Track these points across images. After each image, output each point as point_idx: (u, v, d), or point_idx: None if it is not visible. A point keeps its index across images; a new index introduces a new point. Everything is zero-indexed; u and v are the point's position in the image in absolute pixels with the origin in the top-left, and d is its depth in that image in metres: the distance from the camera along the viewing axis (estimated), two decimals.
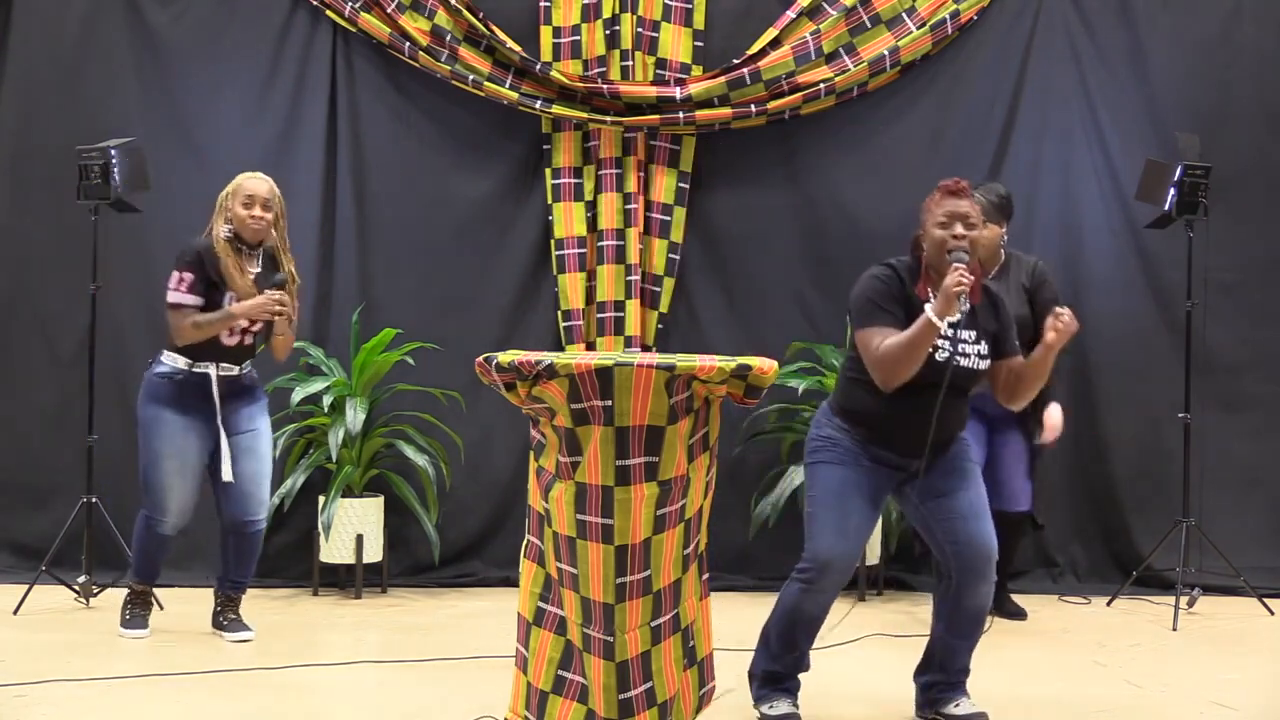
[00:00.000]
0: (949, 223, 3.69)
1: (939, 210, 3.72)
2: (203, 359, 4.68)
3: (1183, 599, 5.35)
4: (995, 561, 3.77)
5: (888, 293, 3.72)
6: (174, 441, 4.68)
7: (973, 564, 3.73)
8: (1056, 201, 6.06)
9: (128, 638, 4.81)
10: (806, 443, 3.86)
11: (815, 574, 3.71)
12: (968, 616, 3.79)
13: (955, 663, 3.88)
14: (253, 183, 4.73)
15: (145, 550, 4.83)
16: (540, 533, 3.30)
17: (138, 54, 6.08)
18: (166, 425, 4.68)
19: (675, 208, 6.00)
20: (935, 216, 3.72)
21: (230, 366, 4.73)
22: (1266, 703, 4.22)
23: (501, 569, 5.94)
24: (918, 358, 3.58)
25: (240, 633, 4.84)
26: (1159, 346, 5.99)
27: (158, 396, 4.69)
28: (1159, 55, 6.03)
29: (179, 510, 4.75)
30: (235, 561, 4.86)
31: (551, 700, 3.25)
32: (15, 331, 6.09)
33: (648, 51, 5.99)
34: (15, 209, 6.11)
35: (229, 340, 4.70)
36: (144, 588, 4.90)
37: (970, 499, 3.76)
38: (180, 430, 4.68)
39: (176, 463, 4.69)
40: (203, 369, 4.68)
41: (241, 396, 4.79)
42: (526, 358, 3.15)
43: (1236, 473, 5.94)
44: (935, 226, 3.71)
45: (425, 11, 5.97)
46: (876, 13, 5.99)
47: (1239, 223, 5.95)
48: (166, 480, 4.70)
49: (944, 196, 3.74)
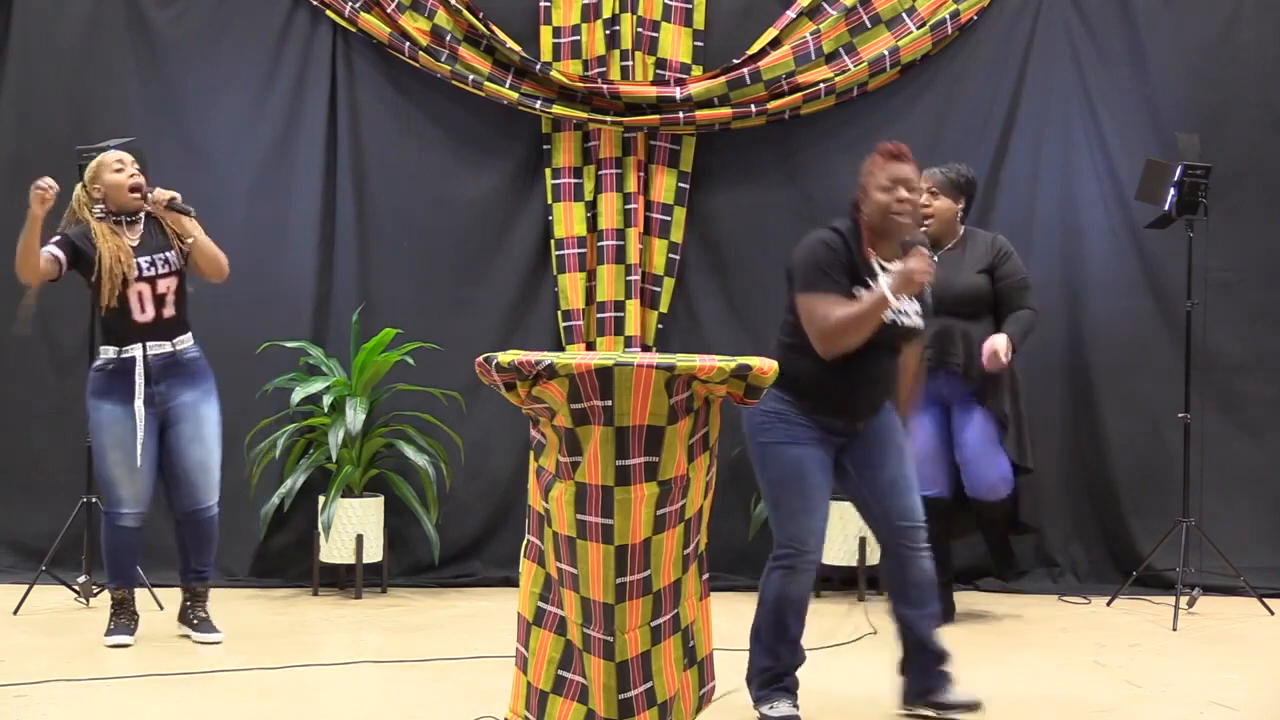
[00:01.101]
0: (891, 186, 3.73)
1: (882, 174, 3.76)
2: (128, 341, 4.63)
3: (1183, 599, 5.35)
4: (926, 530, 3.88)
5: (835, 260, 3.71)
6: (113, 432, 4.63)
7: (909, 535, 3.81)
8: (1056, 201, 6.05)
9: (108, 645, 4.75)
10: (747, 419, 3.82)
11: (794, 558, 3.75)
12: (915, 585, 3.84)
13: (923, 639, 3.89)
14: (112, 153, 4.74)
15: (111, 548, 4.76)
16: (540, 533, 3.30)
17: (138, 54, 6.08)
18: (105, 416, 4.65)
19: (675, 208, 6.00)
20: (878, 180, 3.75)
21: (161, 343, 4.67)
22: (1266, 703, 4.22)
23: (501, 569, 5.94)
24: (868, 330, 3.63)
25: (209, 634, 4.80)
26: (1159, 346, 5.98)
27: (95, 390, 4.69)
28: (1159, 55, 6.03)
29: (133, 498, 4.68)
30: (193, 550, 4.81)
31: (551, 700, 3.26)
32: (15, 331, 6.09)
33: (648, 51, 5.99)
34: (15, 209, 6.08)
35: (142, 316, 4.63)
36: (122, 593, 4.81)
37: (902, 472, 3.85)
38: (118, 420, 4.63)
39: (118, 453, 4.64)
40: (130, 353, 4.64)
41: (179, 377, 4.70)
42: (526, 358, 3.15)
43: (1236, 473, 5.93)
44: (878, 190, 3.74)
45: (425, 11, 5.97)
46: (876, 13, 5.99)
47: (1239, 223, 5.95)
48: (114, 473, 4.66)
49: (886, 160, 3.78)
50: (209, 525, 4.81)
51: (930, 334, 4.89)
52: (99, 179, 4.70)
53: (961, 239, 5.19)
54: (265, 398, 5.81)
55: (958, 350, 5.04)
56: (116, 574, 4.81)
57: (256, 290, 5.83)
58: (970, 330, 5.06)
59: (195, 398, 4.74)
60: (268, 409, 5.81)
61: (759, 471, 3.85)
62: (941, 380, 5.05)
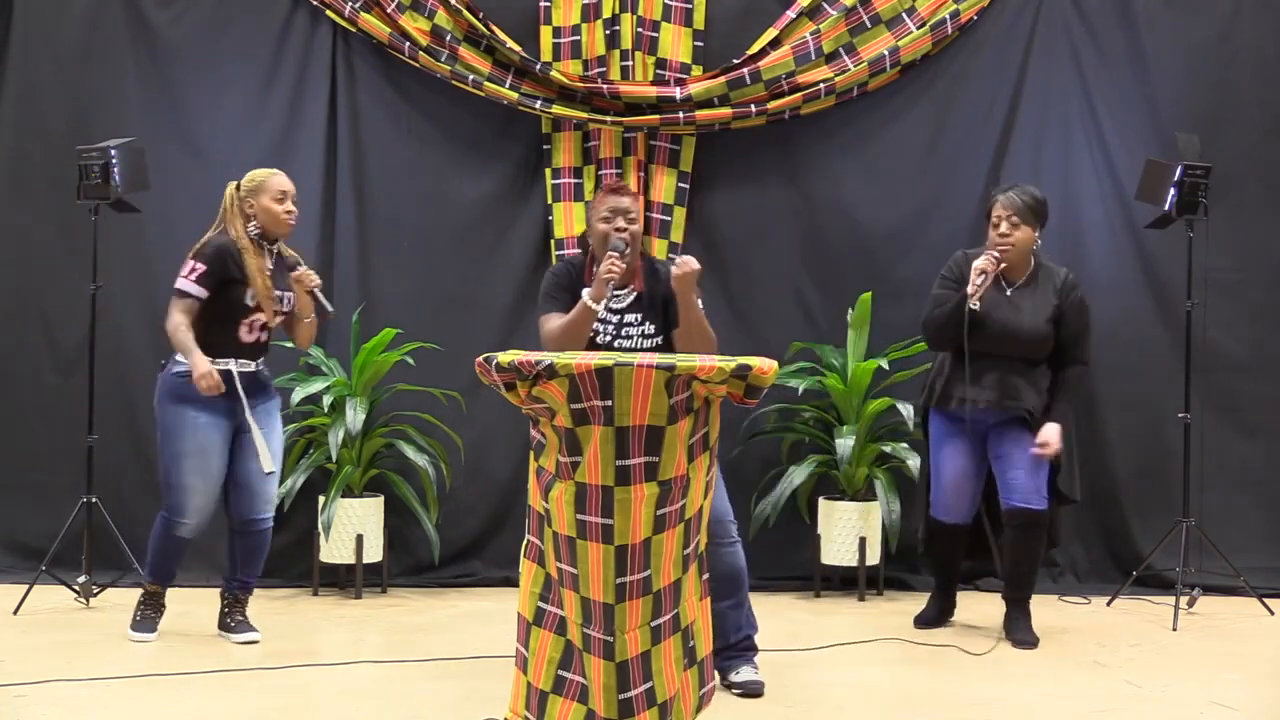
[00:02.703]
0: (611, 217, 4.16)
1: (602, 207, 4.19)
2: (222, 355, 4.66)
3: (1183, 599, 5.35)
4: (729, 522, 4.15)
5: (557, 283, 4.24)
6: (196, 439, 4.64)
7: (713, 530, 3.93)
8: (1056, 201, 6.00)
9: (133, 639, 4.78)
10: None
11: None
12: (720, 578, 4.01)
13: (728, 627, 4.13)
14: (281, 179, 4.76)
15: (162, 551, 4.78)
16: (540, 533, 3.30)
17: (138, 54, 6.08)
18: (189, 422, 4.63)
19: (675, 208, 6.00)
20: (599, 212, 4.19)
21: (247, 363, 4.73)
22: (1266, 703, 4.22)
23: (501, 569, 5.94)
24: (577, 337, 4.05)
25: (247, 634, 4.83)
26: (1159, 346, 5.99)
27: (180, 395, 4.64)
28: (1159, 55, 6.03)
29: (198, 512, 4.69)
30: (243, 561, 4.85)
31: (551, 700, 3.26)
32: (15, 331, 6.09)
33: (648, 51, 5.99)
34: (15, 209, 6.12)
35: (248, 337, 4.70)
36: (157, 588, 4.85)
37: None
38: (203, 427, 4.64)
39: (198, 461, 4.65)
40: (223, 365, 4.66)
41: (259, 394, 4.78)
42: (526, 358, 3.15)
43: (1236, 473, 5.93)
44: (599, 221, 4.18)
45: (425, 11, 5.97)
46: (876, 13, 5.99)
47: (1239, 223, 5.95)
48: (187, 480, 4.65)
49: (606, 194, 4.23)
50: (262, 538, 4.83)
51: (991, 380, 4.83)
52: (257, 199, 4.71)
53: (1032, 274, 4.92)
54: None
55: (1020, 398, 4.84)
56: (158, 573, 4.83)
57: None
58: (1032, 376, 4.87)
59: (267, 409, 4.80)
60: None
61: None
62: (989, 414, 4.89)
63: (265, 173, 4.77)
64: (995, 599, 5.39)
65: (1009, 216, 4.83)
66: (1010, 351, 4.85)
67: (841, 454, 5.67)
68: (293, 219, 4.75)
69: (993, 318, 4.82)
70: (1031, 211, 4.86)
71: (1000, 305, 4.86)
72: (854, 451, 5.69)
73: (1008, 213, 4.83)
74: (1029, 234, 4.86)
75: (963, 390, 4.88)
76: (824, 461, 5.82)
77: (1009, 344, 4.84)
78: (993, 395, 4.84)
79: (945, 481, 5.01)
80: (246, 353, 4.72)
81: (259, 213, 4.70)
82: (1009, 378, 4.85)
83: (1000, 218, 4.84)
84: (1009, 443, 4.90)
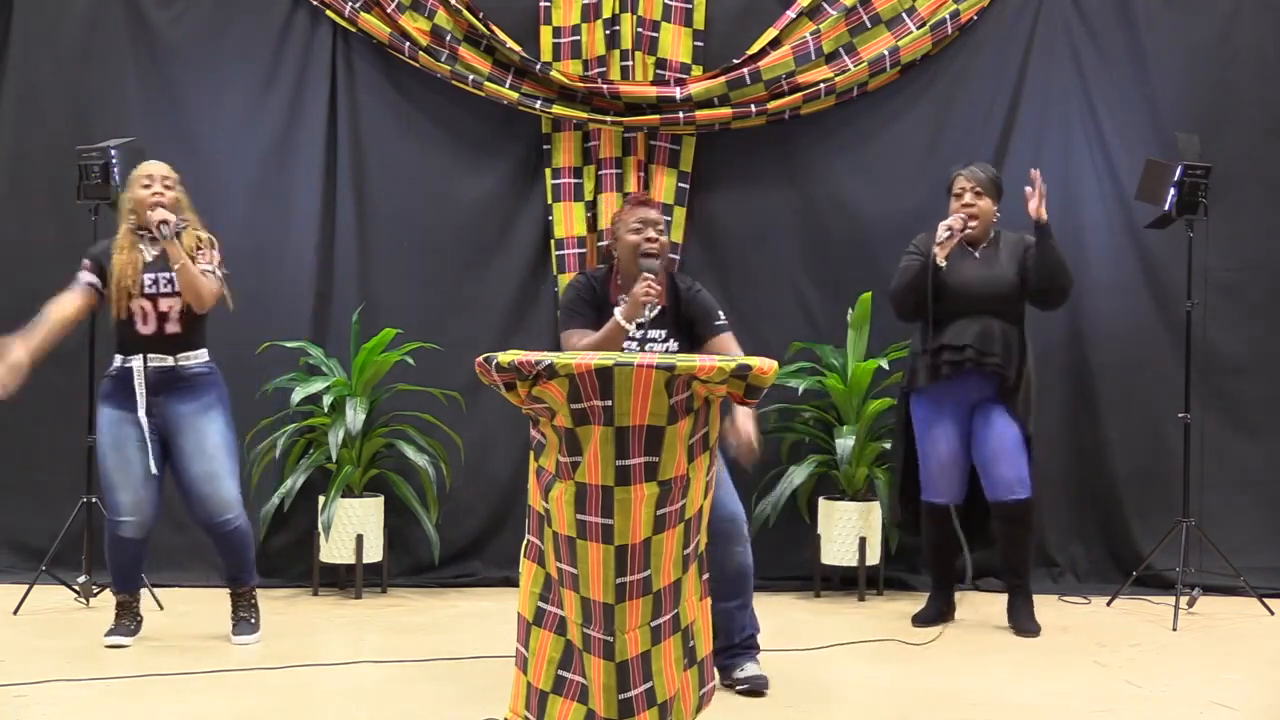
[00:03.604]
0: (641, 228, 4.12)
1: (631, 218, 4.16)
2: (131, 352, 4.68)
3: (1183, 599, 5.35)
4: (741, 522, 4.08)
5: (579, 298, 4.19)
6: (109, 435, 4.67)
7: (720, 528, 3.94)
8: (1056, 201, 6.02)
9: (107, 644, 4.75)
10: None
11: None
12: (727, 578, 4.02)
13: (734, 626, 4.12)
14: (148, 165, 4.79)
15: (111, 556, 4.77)
16: (540, 533, 3.30)
17: (138, 54, 6.08)
18: (105, 420, 4.70)
19: (675, 208, 6.00)
20: (628, 224, 4.16)
21: (160, 357, 4.69)
22: (1266, 703, 4.22)
23: (501, 569, 5.94)
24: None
25: (244, 635, 4.82)
26: (1159, 346, 5.98)
27: (101, 395, 4.77)
28: (1159, 55, 6.03)
29: (133, 508, 4.66)
30: (224, 560, 4.84)
31: (551, 700, 3.25)
32: (15, 331, 6.08)
33: (648, 51, 5.99)
34: (15, 209, 6.12)
35: (144, 329, 4.67)
36: (123, 597, 4.82)
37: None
38: (115, 423, 4.67)
39: (116, 456, 4.66)
40: (131, 363, 4.68)
41: (179, 392, 4.70)
42: (526, 358, 3.15)
43: (1236, 473, 5.93)
44: (628, 233, 4.14)
45: (425, 11, 5.97)
46: (876, 13, 5.99)
47: (1239, 223, 5.95)
48: (112, 478, 4.67)
49: (634, 206, 4.20)
50: (230, 537, 4.77)
51: (973, 333, 4.98)
52: (130, 192, 4.75)
53: (994, 239, 5.18)
54: (265, 398, 5.81)
55: (996, 350, 5.00)
56: (118, 580, 4.82)
57: (256, 290, 5.82)
58: (1009, 331, 5.05)
59: (193, 410, 4.71)
60: (268, 409, 5.81)
61: None
62: (974, 381, 5.05)
63: (140, 165, 4.80)
64: (996, 599, 5.40)
65: (973, 188, 5.14)
66: (986, 307, 5.02)
67: (841, 454, 5.67)
68: (156, 196, 4.68)
69: (965, 274, 5.05)
70: (993, 184, 5.17)
71: (971, 263, 5.11)
72: (854, 451, 5.70)
73: (971, 184, 5.14)
74: (990, 205, 5.15)
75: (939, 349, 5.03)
76: (824, 461, 5.82)
77: (984, 298, 5.03)
78: (971, 352, 4.97)
79: (936, 464, 5.12)
80: (152, 346, 4.68)
81: (133, 205, 4.72)
82: (987, 331, 5.01)
83: (964, 189, 5.15)
84: (988, 431, 5.05)
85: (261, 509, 5.75)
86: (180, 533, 5.67)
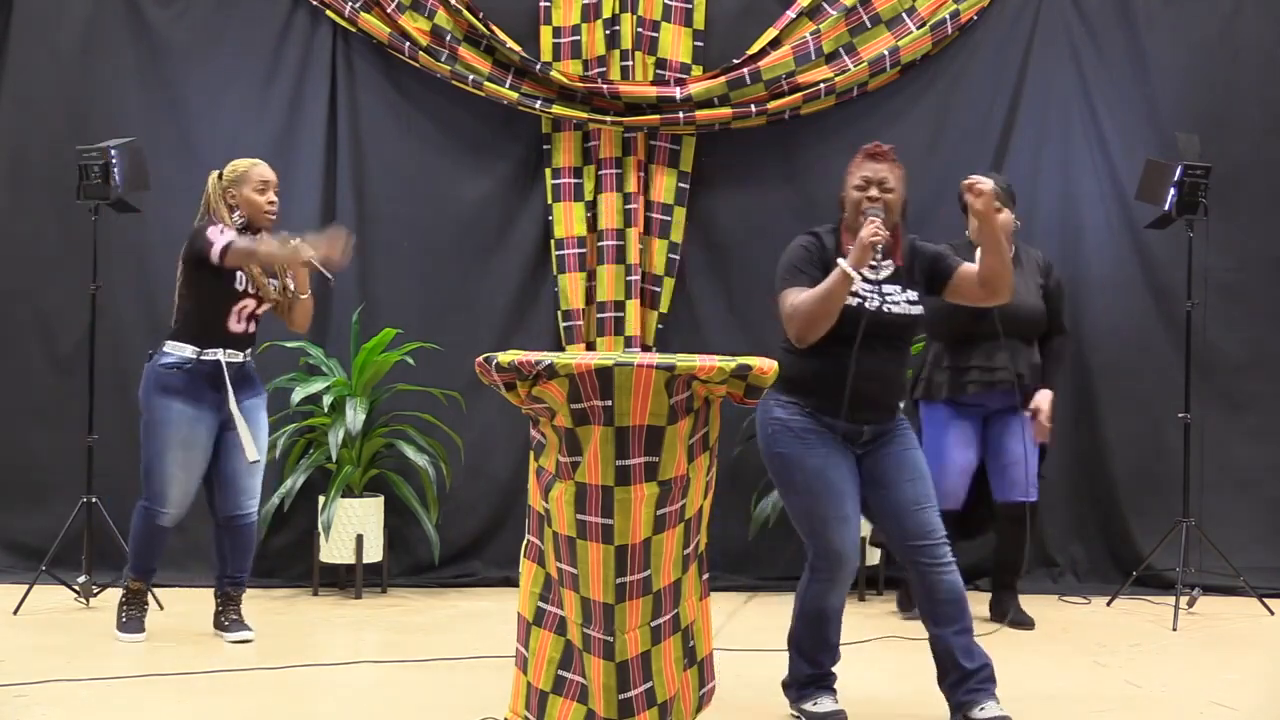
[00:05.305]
0: (865, 185, 3.78)
1: (858, 173, 3.83)
2: (210, 346, 4.65)
3: (1183, 599, 5.35)
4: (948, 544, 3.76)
5: (808, 257, 3.79)
6: (182, 431, 4.63)
7: (931, 553, 3.72)
8: (1056, 201, 6.06)
9: (124, 642, 4.76)
10: (760, 428, 3.82)
11: (833, 569, 3.73)
12: (945, 603, 3.73)
13: (961, 656, 3.76)
14: (262, 169, 4.73)
15: (143, 541, 4.74)
16: (540, 533, 3.30)
17: (138, 54, 6.08)
18: (176, 415, 4.62)
19: (675, 208, 6.00)
20: (854, 179, 3.82)
21: (235, 353, 4.71)
22: (1266, 703, 4.22)
23: (501, 569, 5.94)
24: (831, 309, 3.62)
25: (240, 633, 4.82)
26: (1159, 346, 5.99)
27: (167, 387, 4.62)
28: (1159, 55, 6.03)
29: (180, 502, 4.69)
30: (231, 556, 4.83)
31: (551, 700, 3.25)
32: (15, 331, 6.09)
33: (648, 51, 5.99)
34: (15, 209, 6.11)
35: (236, 327, 4.69)
36: (139, 585, 4.83)
37: (917, 491, 3.76)
38: (190, 420, 4.63)
39: (183, 454, 4.64)
40: (212, 356, 4.65)
41: (245, 387, 4.76)
42: (526, 358, 3.15)
43: (1236, 473, 5.94)
44: (853, 189, 3.80)
45: (425, 11, 5.97)
46: (876, 13, 5.99)
47: (1239, 223, 5.95)
48: (171, 471, 4.64)
49: (864, 160, 3.85)
50: (247, 532, 4.82)
51: (1003, 356, 5.00)
52: (240, 190, 4.69)
53: (1015, 255, 5.12)
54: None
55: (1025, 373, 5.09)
56: (140, 566, 4.81)
57: None
58: (1033, 354, 5.15)
59: (254, 404, 4.78)
60: (268, 409, 5.80)
61: (782, 484, 3.82)
62: (996, 396, 5.10)
63: (247, 163, 4.74)
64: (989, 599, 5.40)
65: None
66: (1014, 329, 4.98)
67: None
68: (274, 210, 4.71)
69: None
70: (1007, 193, 5.06)
71: None
72: None
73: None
74: (1009, 216, 5.04)
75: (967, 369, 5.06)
76: None
77: (1013, 324, 4.96)
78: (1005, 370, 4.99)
79: (952, 469, 5.12)
80: (234, 343, 4.70)
81: (241, 203, 4.69)
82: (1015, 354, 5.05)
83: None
84: (1007, 437, 5.09)
85: (262, 509, 5.73)
86: (180, 533, 5.63)
